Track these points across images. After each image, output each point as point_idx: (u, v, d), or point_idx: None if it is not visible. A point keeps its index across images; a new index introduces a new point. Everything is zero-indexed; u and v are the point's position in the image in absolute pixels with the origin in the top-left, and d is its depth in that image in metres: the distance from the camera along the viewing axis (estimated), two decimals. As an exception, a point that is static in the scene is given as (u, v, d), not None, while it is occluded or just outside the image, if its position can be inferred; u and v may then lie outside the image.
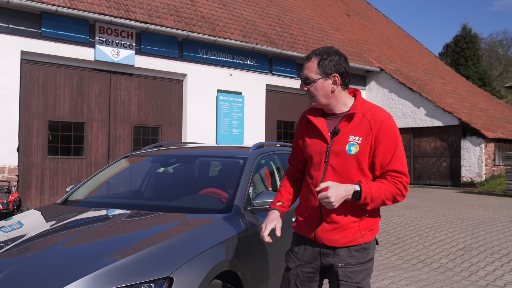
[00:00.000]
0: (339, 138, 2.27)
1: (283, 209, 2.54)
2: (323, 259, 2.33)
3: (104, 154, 11.28)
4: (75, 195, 3.99)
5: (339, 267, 2.28)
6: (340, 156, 2.26)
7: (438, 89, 18.76)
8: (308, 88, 2.32)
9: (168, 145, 4.92)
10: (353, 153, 2.23)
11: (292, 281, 2.41)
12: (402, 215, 9.76)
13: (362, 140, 2.23)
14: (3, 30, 9.64)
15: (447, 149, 16.34)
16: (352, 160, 2.24)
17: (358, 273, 2.28)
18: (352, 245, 2.28)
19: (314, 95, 2.31)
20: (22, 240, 2.81)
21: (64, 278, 2.30)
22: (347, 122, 2.29)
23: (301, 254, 2.41)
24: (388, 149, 2.23)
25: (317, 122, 2.34)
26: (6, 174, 9.57)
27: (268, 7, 17.41)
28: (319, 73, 2.29)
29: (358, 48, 18.75)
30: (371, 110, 2.30)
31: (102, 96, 11.29)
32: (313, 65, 2.30)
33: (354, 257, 2.29)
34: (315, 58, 2.30)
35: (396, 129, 2.29)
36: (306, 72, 2.31)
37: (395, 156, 2.24)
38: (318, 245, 2.34)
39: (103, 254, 2.54)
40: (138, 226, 3.10)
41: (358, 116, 2.28)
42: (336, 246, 2.29)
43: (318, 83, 2.29)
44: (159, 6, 12.52)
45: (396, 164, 2.24)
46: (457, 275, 5.46)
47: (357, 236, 2.28)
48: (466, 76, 29.01)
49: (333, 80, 2.30)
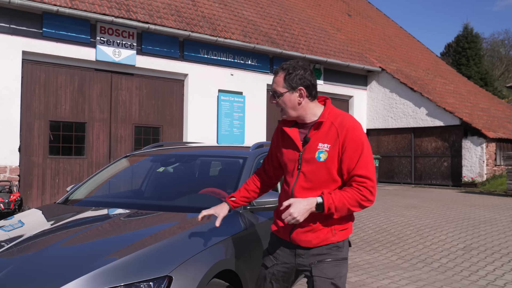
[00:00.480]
0: (310, 146, 2.39)
1: (235, 204, 2.71)
2: (298, 259, 2.45)
3: (105, 154, 11.30)
4: (76, 195, 4.00)
5: (313, 264, 2.40)
6: (311, 163, 2.37)
7: (439, 89, 18.75)
8: (276, 101, 2.44)
9: (169, 144, 4.93)
10: (322, 160, 2.34)
11: (268, 278, 2.53)
12: (403, 215, 9.76)
13: (330, 147, 2.34)
14: (4, 30, 9.67)
15: (448, 149, 16.33)
16: (322, 166, 2.35)
17: (331, 269, 2.39)
18: (324, 244, 2.40)
19: (283, 107, 2.43)
20: (22, 239, 2.83)
21: (64, 277, 2.31)
22: (316, 131, 2.40)
23: (278, 254, 2.53)
24: (353, 154, 2.32)
25: (290, 131, 2.47)
26: (8, 174, 9.59)
27: (269, 7, 17.42)
28: (286, 86, 2.40)
29: (359, 48, 18.75)
30: (339, 118, 2.41)
31: (103, 96, 11.32)
32: (280, 79, 2.42)
33: (327, 254, 2.40)
34: (281, 72, 2.42)
35: (363, 135, 2.38)
36: (274, 86, 2.43)
37: (360, 161, 2.32)
38: (293, 246, 2.46)
39: (103, 253, 2.55)
40: (137, 225, 3.12)
41: (326, 124, 2.39)
42: (310, 246, 2.41)
43: (285, 96, 2.41)
44: (160, 6, 12.53)
45: (361, 169, 2.32)
46: (457, 274, 5.47)
47: (329, 235, 2.40)
48: (468, 76, 28.98)
49: (299, 93, 2.40)
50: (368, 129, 18.16)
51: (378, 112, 17.86)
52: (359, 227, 8.51)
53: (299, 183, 2.40)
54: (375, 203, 11.72)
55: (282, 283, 2.54)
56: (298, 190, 2.40)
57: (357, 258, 6.27)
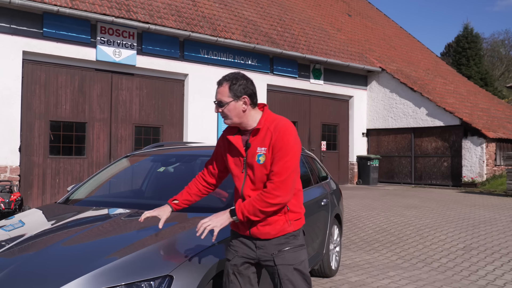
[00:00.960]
0: (251, 151, 2.57)
1: (177, 207, 2.85)
2: (259, 251, 2.61)
3: (106, 154, 11.31)
4: (76, 195, 4.01)
5: (275, 254, 2.58)
6: (253, 166, 2.56)
7: (440, 89, 18.76)
8: (222, 110, 2.59)
9: (169, 144, 4.94)
10: (261, 162, 2.53)
11: (230, 271, 2.64)
12: (403, 215, 9.77)
13: (267, 150, 2.53)
14: (5, 30, 9.68)
15: (448, 149, 16.34)
16: (261, 168, 2.54)
17: (291, 255, 2.59)
18: (282, 234, 2.59)
19: (228, 115, 2.58)
20: (23, 239, 2.84)
21: (65, 276, 2.32)
22: (255, 136, 2.58)
23: (238, 247, 2.66)
24: (278, 156, 2.50)
25: (233, 139, 2.64)
26: (8, 173, 9.60)
27: (269, 7, 17.43)
28: (231, 96, 2.57)
29: (359, 48, 18.76)
30: (274, 122, 2.58)
31: (104, 96, 11.33)
32: (225, 89, 2.58)
33: (285, 243, 2.59)
34: (226, 83, 2.59)
35: (291, 139, 2.52)
36: (219, 96, 2.59)
37: (280, 162, 2.48)
38: (253, 239, 2.62)
39: (103, 253, 2.56)
40: (138, 225, 3.12)
41: (263, 130, 2.57)
42: (269, 238, 2.58)
43: (231, 105, 2.57)
44: (161, 6, 12.54)
45: (277, 167, 2.49)
46: (457, 274, 5.47)
47: (285, 226, 2.59)
48: (468, 76, 28.98)
49: (243, 101, 2.58)
50: (368, 129, 18.17)
51: (378, 112, 17.87)
52: (359, 227, 8.52)
53: (246, 185, 2.60)
54: (376, 202, 11.73)
55: (245, 276, 2.64)
56: (247, 191, 2.58)
57: (357, 258, 6.28)
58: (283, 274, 2.56)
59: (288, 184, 2.49)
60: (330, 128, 17.21)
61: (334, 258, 5.44)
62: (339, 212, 5.67)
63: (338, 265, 5.62)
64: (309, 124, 16.31)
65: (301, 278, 2.58)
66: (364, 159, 17.28)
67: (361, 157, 17.46)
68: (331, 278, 5.31)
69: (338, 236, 5.68)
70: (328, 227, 5.13)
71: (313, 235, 4.60)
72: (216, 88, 2.63)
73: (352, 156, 17.68)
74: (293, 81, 15.37)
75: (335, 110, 17.31)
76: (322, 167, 5.97)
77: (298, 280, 2.58)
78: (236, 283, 2.61)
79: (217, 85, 2.63)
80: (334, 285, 5.09)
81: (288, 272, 2.56)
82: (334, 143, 17.33)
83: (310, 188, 4.94)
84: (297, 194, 2.66)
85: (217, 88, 2.61)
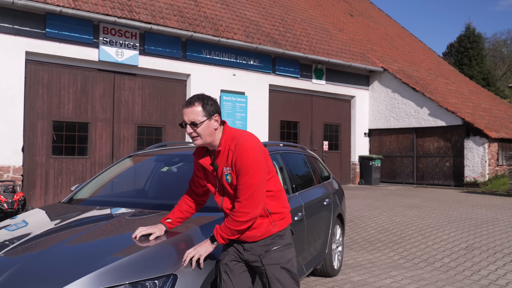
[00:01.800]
0: (219, 171, 2.67)
1: (170, 225, 2.91)
2: (247, 253, 2.68)
3: (108, 154, 11.34)
4: (80, 194, 4.03)
5: (262, 255, 2.65)
6: (224, 185, 2.66)
7: (442, 89, 18.74)
8: (195, 129, 2.60)
9: (172, 144, 4.96)
10: (230, 181, 2.62)
11: (222, 270, 2.69)
12: (405, 215, 9.77)
13: (231, 170, 2.61)
14: (8, 31, 9.71)
15: (450, 149, 16.33)
16: (231, 186, 2.63)
17: (277, 255, 2.66)
18: (267, 236, 2.67)
19: (201, 135, 2.61)
20: (28, 238, 2.86)
21: (69, 275, 2.33)
22: (219, 157, 2.66)
23: (229, 249, 2.73)
24: (239, 174, 2.56)
25: (203, 161, 2.73)
26: (11, 173, 9.63)
27: (271, 7, 17.44)
28: (205, 115, 2.60)
29: (361, 48, 18.76)
30: (233, 140, 2.63)
31: (106, 96, 11.35)
32: (198, 109, 2.60)
33: (271, 244, 2.67)
34: (198, 103, 2.61)
35: (250, 157, 2.56)
36: (192, 116, 2.59)
37: (242, 181, 2.55)
38: (240, 243, 2.69)
39: (108, 252, 2.58)
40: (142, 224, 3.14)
41: (225, 150, 2.64)
42: (255, 240, 2.66)
43: (204, 124, 2.60)
44: (163, 7, 12.57)
45: (240, 186, 2.56)
46: (460, 274, 5.48)
47: (269, 228, 2.67)
48: (470, 76, 28.95)
49: (215, 120, 2.63)
50: (370, 129, 18.17)
51: (380, 112, 17.86)
52: (362, 227, 8.52)
53: (224, 202, 2.70)
54: (378, 202, 11.74)
55: (236, 274, 2.68)
56: (226, 206, 2.68)
57: (359, 257, 6.29)
58: (270, 274, 2.63)
59: (254, 200, 2.53)
60: (332, 128, 17.21)
61: (336, 257, 5.45)
62: (341, 211, 5.69)
63: (341, 264, 5.63)
64: (311, 124, 16.32)
65: (288, 276, 2.65)
66: (366, 159, 17.28)
67: (363, 157, 17.46)
68: (333, 278, 5.32)
69: (341, 236, 5.69)
70: (330, 227, 5.15)
71: (315, 235, 4.62)
72: (184, 110, 2.63)
73: (354, 156, 17.68)
74: (295, 81, 15.38)
75: (337, 110, 17.31)
76: (325, 167, 5.98)
77: (286, 279, 2.64)
78: (229, 282, 2.65)
79: (186, 106, 2.63)
80: (336, 284, 5.10)
81: (276, 271, 2.63)
82: (336, 143, 17.33)
83: (313, 188, 4.95)
84: (276, 195, 2.72)
85: (187, 109, 2.61)
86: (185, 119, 2.62)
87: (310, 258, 4.45)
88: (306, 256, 4.30)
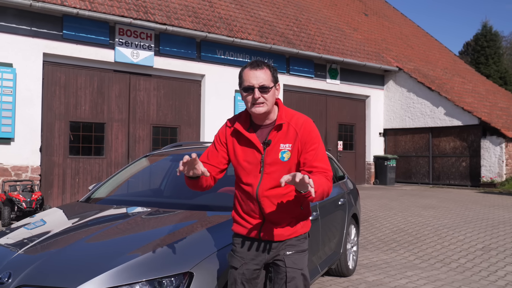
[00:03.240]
0: (271, 148, 2.43)
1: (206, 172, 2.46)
2: (268, 253, 2.48)
3: (124, 154, 11.45)
4: (97, 193, 4.09)
5: (287, 255, 2.47)
6: (274, 164, 2.42)
7: (458, 88, 18.56)
8: (263, 95, 2.38)
9: (187, 144, 5.01)
10: (286, 159, 2.41)
11: (238, 280, 2.49)
12: (421, 215, 9.70)
13: (292, 146, 2.42)
14: (26, 32, 9.87)
15: (467, 149, 16.16)
16: (285, 165, 2.42)
17: (301, 260, 2.50)
18: (295, 236, 2.49)
19: (266, 102, 2.39)
20: (48, 236, 2.92)
21: (88, 272, 2.39)
22: (276, 132, 2.44)
23: (245, 253, 2.51)
24: (311, 148, 2.41)
25: (249, 134, 2.46)
26: (29, 173, 9.79)
27: (285, 7, 17.44)
28: (273, 81, 2.42)
29: (376, 48, 18.66)
30: (294, 117, 2.47)
31: (122, 96, 11.47)
32: (268, 73, 2.41)
33: (296, 246, 2.50)
34: (266, 67, 2.42)
35: (316, 130, 2.47)
36: (264, 79, 2.38)
37: (318, 155, 2.41)
38: (262, 241, 2.49)
39: (126, 250, 2.62)
40: (158, 223, 3.19)
41: (285, 125, 2.44)
42: (281, 239, 2.47)
43: (272, 91, 2.41)
44: (178, 8, 12.65)
45: (319, 161, 2.40)
46: (476, 275, 5.44)
47: (298, 228, 2.50)
48: (487, 75, 28.61)
49: (277, 89, 2.47)
50: (385, 129, 18.07)
51: (395, 112, 17.75)
52: (377, 227, 8.49)
53: (264, 184, 2.43)
54: (393, 202, 11.67)
55: (254, 281, 2.51)
56: (263, 191, 2.42)
57: (374, 257, 6.27)
58: (290, 277, 2.46)
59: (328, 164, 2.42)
60: (347, 128, 17.15)
61: (351, 257, 5.44)
62: (356, 211, 5.68)
63: (355, 264, 5.62)
64: (325, 124, 16.28)
65: (303, 285, 2.49)
66: (381, 159, 17.18)
67: (378, 157, 17.37)
68: (348, 278, 5.32)
69: (355, 236, 5.68)
70: (345, 227, 5.15)
71: (330, 235, 4.62)
72: (252, 71, 2.38)
73: (369, 156, 17.59)
74: (310, 81, 15.36)
75: (351, 110, 17.24)
76: (339, 167, 5.98)
77: (302, 286, 2.48)
78: None
79: (254, 68, 2.39)
80: (351, 284, 5.09)
81: (296, 276, 2.47)
82: (351, 143, 17.26)
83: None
84: None
85: (257, 71, 2.38)
86: (252, 82, 2.36)
87: (324, 258, 4.45)
88: (320, 255, 4.30)
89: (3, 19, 9.62)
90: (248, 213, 2.51)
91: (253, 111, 2.40)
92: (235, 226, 2.59)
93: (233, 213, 2.63)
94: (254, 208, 2.47)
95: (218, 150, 2.55)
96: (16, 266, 2.50)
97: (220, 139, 2.56)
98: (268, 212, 2.44)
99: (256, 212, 2.47)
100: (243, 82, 2.42)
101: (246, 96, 2.41)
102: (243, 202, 2.51)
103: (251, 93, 2.38)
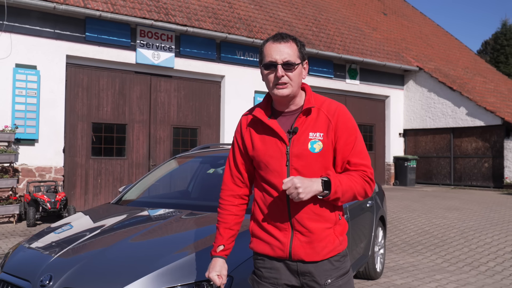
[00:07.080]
0: (298, 137, 1.99)
1: (226, 252, 2.17)
2: (303, 279, 2.00)
3: (145, 154, 11.51)
4: (128, 195, 4.11)
5: (327, 284, 1.99)
6: (303, 156, 1.98)
7: (479, 88, 18.28)
8: (288, 73, 1.97)
9: (215, 146, 5.00)
10: (317, 151, 1.97)
11: None
12: (445, 217, 9.57)
13: (324, 136, 1.99)
14: (49, 35, 9.98)
15: (489, 150, 15.91)
16: (316, 158, 1.97)
17: (346, 286, 2.04)
18: (333, 255, 2.01)
19: (291, 82, 1.98)
20: (87, 237, 2.93)
21: (130, 275, 2.39)
22: (304, 117, 2.02)
23: (276, 278, 2.04)
24: (348, 141, 2.01)
25: (270, 122, 2.03)
26: (53, 174, 9.90)
27: (304, 8, 17.38)
28: (299, 57, 2.00)
29: (395, 47, 18.49)
30: (325, 103, 2.06)
31: (143, 98, 11.54)
32: (294, 48, 1.99)
33: (338, 268, 2.02)
34: (292, 41, 2.00)
35: (353, 119, 2.08)
36: (288, 53, 1.96)
37: (356, 148, 2.02)
38: (293, 262, 2.01)
39: (165, 252, 2.62)
40: (195, 225, 3.18)
41: (315, 111, 2.02)
42: (317, 260, 1.98)
43: (298, 69, 1.99)
44: (198, 9, 12.69)
45: (358, 156, 2.01)
46: (506, 278, 5.33)
47: (336, 244, 2.02)
48: (507, 74, 28.17)
49: (304, 68, 2.06)
50: (405, 129, 17.89)
51: (416, 112, 17.56)
52: (401, 229, 8.39)
53: None
54: (415, 204, 11.53)
55: None
56: None
57: (400, 260, 6.19)
58: None
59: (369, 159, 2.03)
60: (366, 128, 17.01)
61: (379, 260, 5.39)
62: (383, 213, 5.62)
63: (383, 267, 5.56)
64: (345, 124, 16.15)
65: None
66: (401, 159, 17.01)
67: (398, 158, 17.20)
68: (376, 281, 5.26)
69: (383, 238, 5.62)
70: (373, 229, 5.09)
71: (359, 237, 4.57)
72: (275, 45, 1.98)
73: (389, 156, 17.43)
74: (329, 81, 15.27)
75: (371, 110, 17.11)
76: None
77: None
78: None
79: (278, 41, 1.98)
80: (380, 287, 5.04)
81: None
82: (371, 144, 17.12)
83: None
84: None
85: (281, 44, 1.97)
86: (275, 57, 1.95)
87: (353, 261, 4.41)
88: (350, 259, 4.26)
89: (27, 22, 9.75)
90: (273, 224, 2.03)
91: (275, 93, 1.99)
92: (255, 243, 2.12)
93: (251, 225, 2.16)
94: (282, 215, 2.00)
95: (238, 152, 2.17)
96: (57, 269, 2.51)
97: (236, 138, 2.19)
98: (299, 220, 1.98)
99: (283, 220, 2.00)
100: (264, 57, 2.00)
101: (268, 74, 2.00)
102: (266, 210, 2.04)
103: (273, 70, 1.97)
